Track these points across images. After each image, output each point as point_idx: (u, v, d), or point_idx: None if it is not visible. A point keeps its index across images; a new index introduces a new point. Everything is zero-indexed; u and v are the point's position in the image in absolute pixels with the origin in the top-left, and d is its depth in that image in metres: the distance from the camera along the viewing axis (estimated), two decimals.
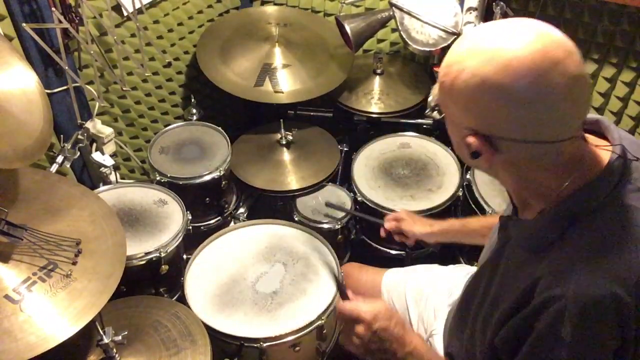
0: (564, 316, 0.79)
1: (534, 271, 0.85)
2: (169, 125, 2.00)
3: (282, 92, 1.97)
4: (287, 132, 1.98)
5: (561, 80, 0.76)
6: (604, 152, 0.87)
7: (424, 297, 1.45)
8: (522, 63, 0.76)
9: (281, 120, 1.97)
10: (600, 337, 0.80)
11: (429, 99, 0.93)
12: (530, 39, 0.77)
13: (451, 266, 1.56)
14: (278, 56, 2.06)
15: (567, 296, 0.79)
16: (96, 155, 1.80)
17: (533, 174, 0.87)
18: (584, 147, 0.87)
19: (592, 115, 0.92)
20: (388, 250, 1.85)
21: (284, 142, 2.00)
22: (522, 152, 0.83)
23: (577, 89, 0.78)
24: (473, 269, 1.48)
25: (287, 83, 1.99)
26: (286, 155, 1.99)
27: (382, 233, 1.61)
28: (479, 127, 0.83)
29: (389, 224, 1.56)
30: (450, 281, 1.45)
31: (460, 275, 1.45)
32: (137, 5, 1.76)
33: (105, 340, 1.16)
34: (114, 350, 1.19)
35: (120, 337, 1.18)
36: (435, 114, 1.92)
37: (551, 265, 0.84)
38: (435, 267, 1.56)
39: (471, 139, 0.83)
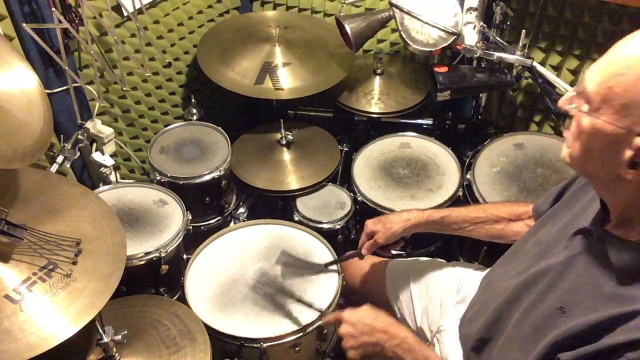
0: None
1: (633, 300, 0.82)
2: (169, 125, 2.00)
3: (283, 89, 1.97)
4: (287, 132, 1.98)
5: None
6: None
7: (430, 292, 1.45)
8: None
9: (281, 120, 1.97)
10: None
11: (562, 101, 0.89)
12: None
13: (454, 262, 1.56)
14: (278, 55, 2.06)
15: None
16: (96, 155, 1.80)
17: None
18: None
19: None
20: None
21: (284, 142, 1.99)
22: None
23: None
24: (478, 269, 1.47)
25: (288, 80, 1.99)
26: (286, 155, 1.99)
27: (362, 260, 1.53)
28: None
29: (364, 251, 1.45)
30: (456, 278, 1.44)
31: (466, 273, 1.45)
32: (137, 5, 1.76)
33: (105, 339, 1.15)
34: (114, 349, 1.19)
35: (120, 336, 1.18)
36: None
37: None
38: (438, 261, 1.55)
39: None
